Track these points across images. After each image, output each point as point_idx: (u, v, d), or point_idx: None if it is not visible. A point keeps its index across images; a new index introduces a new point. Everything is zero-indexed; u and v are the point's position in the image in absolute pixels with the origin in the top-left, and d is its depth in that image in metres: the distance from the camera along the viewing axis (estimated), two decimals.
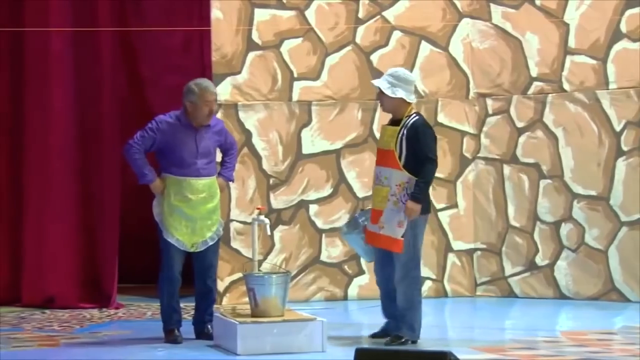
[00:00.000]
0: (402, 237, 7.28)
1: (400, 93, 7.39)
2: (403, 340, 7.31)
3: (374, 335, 7.54)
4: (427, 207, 7.42)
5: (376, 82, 7.54)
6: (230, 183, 8.12)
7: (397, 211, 7.28)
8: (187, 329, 7.77)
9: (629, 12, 9.35)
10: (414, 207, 7.26)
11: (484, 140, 9.91)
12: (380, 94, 7.49)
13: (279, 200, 9.64)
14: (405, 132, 7.32)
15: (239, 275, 9.48)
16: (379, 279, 7.58)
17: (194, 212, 7.55)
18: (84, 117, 9.56)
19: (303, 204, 9.67)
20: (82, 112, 9.56)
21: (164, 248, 7.60)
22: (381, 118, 9.77)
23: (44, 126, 9.51)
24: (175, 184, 7.57)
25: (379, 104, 7.68)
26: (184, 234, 7.55)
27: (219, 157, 7.97)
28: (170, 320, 7.64)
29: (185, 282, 7.87)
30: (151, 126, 7.60)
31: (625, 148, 9.34)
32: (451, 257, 9.87)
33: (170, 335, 7.60)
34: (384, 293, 7.55)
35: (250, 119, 9.61)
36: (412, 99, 7.46)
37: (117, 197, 9.57)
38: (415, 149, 7.29)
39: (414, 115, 7.43)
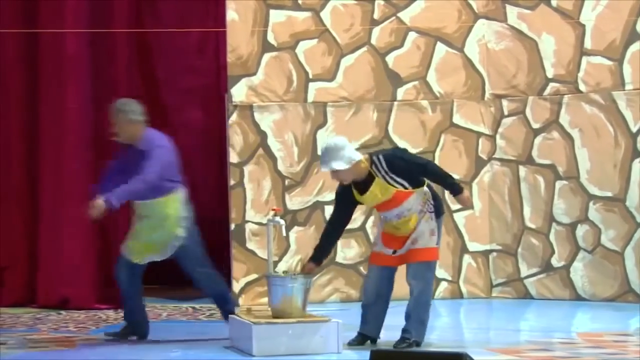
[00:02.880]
0: (437, 245, 7.28)
1: (349, 160, 7.09)
2: (411, 341, 7.26)
3: (350, 344, 7.43)
4: (441, 209, 7.41)
5: (325, 169, 7.12)
6: (246, 184, 8.09)
7: (426, 220, 7.25)
8: (194, 329, 7.77)
9: None
10: (465, 195, 7.28)
11: (499, 141, 9.89)
12: (336, 173, 7.13)
13: (294, 201, 9.64)
14: (388, 172, 7.15)
15: (254, 276, 9.49)
16: (374, 299, 7.44)
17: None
18: (99, 118, 9.57)
19: (318, 205, 9.67)
20: (98, 113, 9.57)
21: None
22: (396, 119, 9.78)
23: (59, 127, 9.53)
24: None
25: (340, 183, 7.24)
26: (130, 247, 7.63)
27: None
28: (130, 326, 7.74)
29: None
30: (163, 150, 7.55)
31: None
32: (467, 259, 9.85)
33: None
34: (374, 311, 7.42)
35: (266, 120, 9.61)
36: (359, 154, 7.21)
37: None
38: (409, 171, 7.17)
39: (375, 158, 7.18)
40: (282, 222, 7.72)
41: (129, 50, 9.63)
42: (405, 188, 7.20)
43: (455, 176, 9.69)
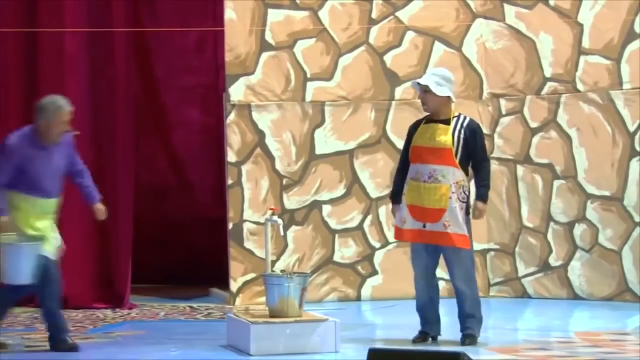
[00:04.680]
0: (467, 233, 7.35)
1: (447, 92, 7.42)
2: (477, 337, 7.37)
3: (415, 340, 7.45)
4: (469, 208, 7.46)
5: (423, 81, 7.45)
6: (244, 184, 8.08)
7: (459, 208, 7.31)
8: (192, 329, 7.77)
9: None
10: (484, 208, 7.41)
11: (497, 140, 9.89)
12: (425, 92, 7.42)
13: (292, 200, 9.64)
14: (462, 131, 7.36)
15: (252, 275, 9.49)
16: (426, 287, 7.48)
17: (48, 231, 7.37)
18: (98, 117, 9.58)
19: (316, 205, 9.67)
20: (96, 112, 9.57)
21: None
22: (394, 118, 9.77)
23: None
24: (30, 204, 7.32)
25: (421, 103, 7.51)
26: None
27: None
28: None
29: None
30: (3, 153, 7.24)
31: (639, 148, 9.31)
32: None
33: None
34: (427, 301, 7.48)
35: (264, 120, 9.61)
36: (453, 97, 7.52)
37: (130, 197, 9.58)
38: (472, 150, 7.36)
39: (463, 116, 7.48)
40: (280, 221, 7.73)
41: (127, 49, 9.62)
42: (455, 156, 7.30)
43: None
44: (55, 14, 9.44)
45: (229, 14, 9.54)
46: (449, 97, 7.42)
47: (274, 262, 9.29)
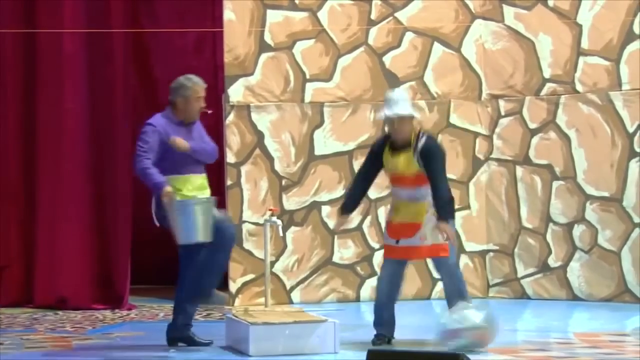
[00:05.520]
0: (445, 240, 7.32)
1: (413, 110, 7.35)
2: None
3: (375, 342, 7.44)
4: (453, 212, 7.45)
5: (405, 110, 7.24)
6: (243, 185, 8.06)
7: (434, 219, 7.30)
8: (198, 330, 7.77)
9: None
10: (448, 228, 7.27)
11: (496, 141, 9.90)
12: (401, 120, 7.27)
13: (291, 201, 9.64)
14: (420, 151, 7.26)
15: (251, 276, 9.50)
16: (390, 290, 7.50)
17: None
18: (96, 118, 9.59)
19: (315, 205, 9.67)
20: (95, 113, 9.58)
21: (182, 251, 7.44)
22: None
23: (56, 127, 9.53)
24: (183, 181, 7.40)
25: (395, 133, 7.30)
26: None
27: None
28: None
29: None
30: (148, 131, 7.34)
31: (638, 149, 9.31)
32: (464, 259, 9.85)
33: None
34: (386, 302, 7.49)
35: (263, 120, 9.61)
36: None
37: (129, 197, 9.58)
38: (430, 169, 7.28)
39: (418, 133, 7.34)
40: (279, 222, 7.73)
41: (125, 50, 9.62)
42: (426, 175, 7.28)
43: (453, 176, 9.77)
44: (53, 15, 9.45)
45: (228, 14, 9.54)
46: (415, 118, 7.35)
47: (273, 263, 9.29)
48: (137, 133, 9.91)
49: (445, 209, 7.26)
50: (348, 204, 7.54)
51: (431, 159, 7.28)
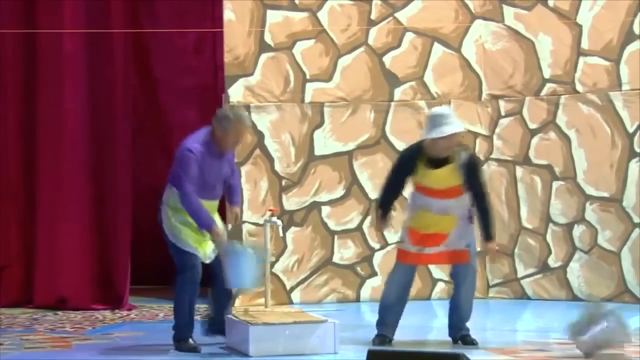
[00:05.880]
0: (466, 247, 7.31)
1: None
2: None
3: (379, 342, 7.42)
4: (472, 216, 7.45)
5: (459, 128, 7.21)
6: (243, 185, 8.09)
7: (463, 227, 7.30)
8: (197, 330, 7.76)
9: None
10: (494, 248, 7.35)
11: (496, 141, 9.90)
12: (450, 138, 7.18)
13: (291, 201, 9.64)
14: (462, 165, 7.21)
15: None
16: (400, 293, 7.48)
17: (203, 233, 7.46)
18: (96, 118, 9.58)
19: (315, 206, 9.67)
20: (95, 113, 9.57)
21: (183, 258, 7.46)
22: (394, 119, 9.77)
23: (56, 127, 9.53)
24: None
25: (444, 149, 7.19)
26: (199, 245, 7.46)
27: None
28: (189, 329, 7.56)
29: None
30: (190, 160, 7.32)
31: (638, 149, 9.31)
32: None
33: (188, 344, 7.49)
34: (397, 302, 7.49)
35: (263, 121, 9.61)
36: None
37: (129, 197, 9.58)
38: (475, 183, 7.25)
39: (462, 148, 7.31)
40: (279, 222, 7.73)
41: (125, 50, 9.62)
42: (467, 188, 7.24)
43: None
44: (53, 15, 9.44)
45: (228, 14, 9.54)
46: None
47: (273, 264, 9.29)
48: (136, 133, 9.98)
49: (492, 227, 7.27)
50: (385, 212, 7.43)
51: (475, 172, 7.26)
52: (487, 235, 7.32)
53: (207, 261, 7.46)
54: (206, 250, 7.44)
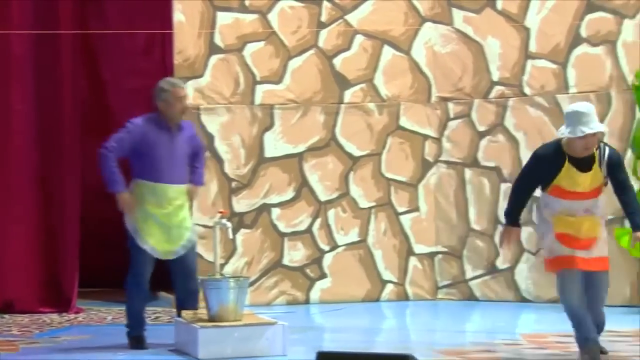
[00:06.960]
0: (606, 254, 7.01)
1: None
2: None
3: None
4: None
5: (599, 127, 6.79)
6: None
7: (605, 231, 7.05)
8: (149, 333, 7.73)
9: (588, 16, 9.42)
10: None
11: (445, 144, 9.95)
12: (593, 136, 6.73)
13: (241, 203, 9.62)
14: (603, 162, 6.84)
15: (200, 278, 9.45)
16: (580, 302, 6.96)
17: (169, 219, 7.48)
18: (44, 119, 9.50)
19: (265, 208, 9.66)
20: (43, 114, 9.50)
21: (135, 254, 7.47)
22: (344, 121, 9.79)
23: (4, 128, 9.44)
24: (149, 190, 7.47)
25: (585, 148, 6.75)
26: (158, 242, 7.46)
27: None
28: (138, 326, 7.57)
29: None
30: (125, 129, 7.51)
31: None
32: (412, 261, 9.89)
33: (138, 342, 7.52)
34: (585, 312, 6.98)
35: (213, 123, 9.59)
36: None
37: (77, 199, 9.52)
38: (620, 179, 6.89)
39: (603, 145, 6.92)
40: (229, 224, 7.71)
41: (74, 51, 9.55)
42: (613, 184, 6.88)
43: (402, 178, 9.82)
44: (1, 16, 9.35)
45: (178, 16, 9.51)
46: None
47: (222, 266, 9.26)
48: (84, 134, 9.91)
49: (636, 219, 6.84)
50: (516, 217, 7.06)
51: (619, 167, 6.90)
52: (638, 225, 6.83)
53: (172, 257, 7.46)
54: (168, 248, 7.44)
